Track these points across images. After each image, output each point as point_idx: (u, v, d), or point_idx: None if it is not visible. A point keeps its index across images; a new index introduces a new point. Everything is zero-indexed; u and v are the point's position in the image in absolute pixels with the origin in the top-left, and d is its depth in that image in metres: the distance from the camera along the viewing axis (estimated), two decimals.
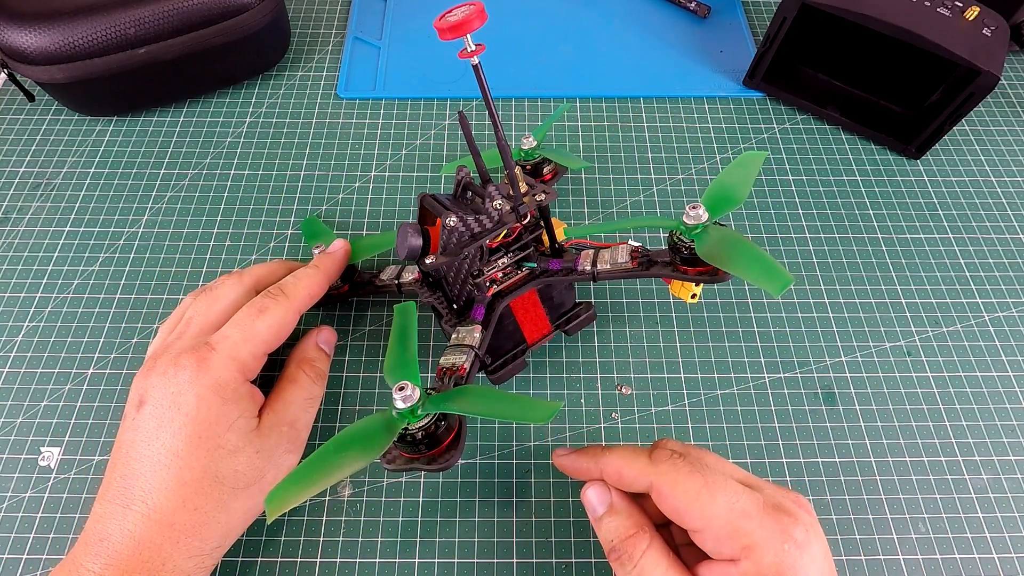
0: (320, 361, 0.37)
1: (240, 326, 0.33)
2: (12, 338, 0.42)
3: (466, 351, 0.32)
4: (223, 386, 0.31)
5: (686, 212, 0.30)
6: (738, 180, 0.33)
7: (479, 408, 0.27)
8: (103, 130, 0.52)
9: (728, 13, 0.61)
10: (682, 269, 0.32)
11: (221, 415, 0.31)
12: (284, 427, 0.33)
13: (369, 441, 0.26)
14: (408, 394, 0.26)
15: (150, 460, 0.30)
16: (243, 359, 0.32)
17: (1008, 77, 0.57)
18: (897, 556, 0.35)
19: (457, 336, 0.34)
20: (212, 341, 0.32)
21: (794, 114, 0.54)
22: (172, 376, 0.31)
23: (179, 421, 0.30)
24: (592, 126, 0.53)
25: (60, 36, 0.45)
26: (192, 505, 0.30)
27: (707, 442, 0.38)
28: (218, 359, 0.32)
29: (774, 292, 0.27)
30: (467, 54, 0.27)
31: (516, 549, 0.35)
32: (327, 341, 0.39)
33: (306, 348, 0.38)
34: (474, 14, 0.26)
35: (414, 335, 0.31)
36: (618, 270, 0.34)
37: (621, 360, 0.41)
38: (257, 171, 0.50)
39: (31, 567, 0.35)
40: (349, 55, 0.57)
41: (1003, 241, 0.47)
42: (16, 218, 0.47)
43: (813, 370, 0.41)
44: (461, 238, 0.32)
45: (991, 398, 0.40)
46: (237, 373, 0.32)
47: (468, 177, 0.34)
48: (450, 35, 0.26)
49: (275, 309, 0.34)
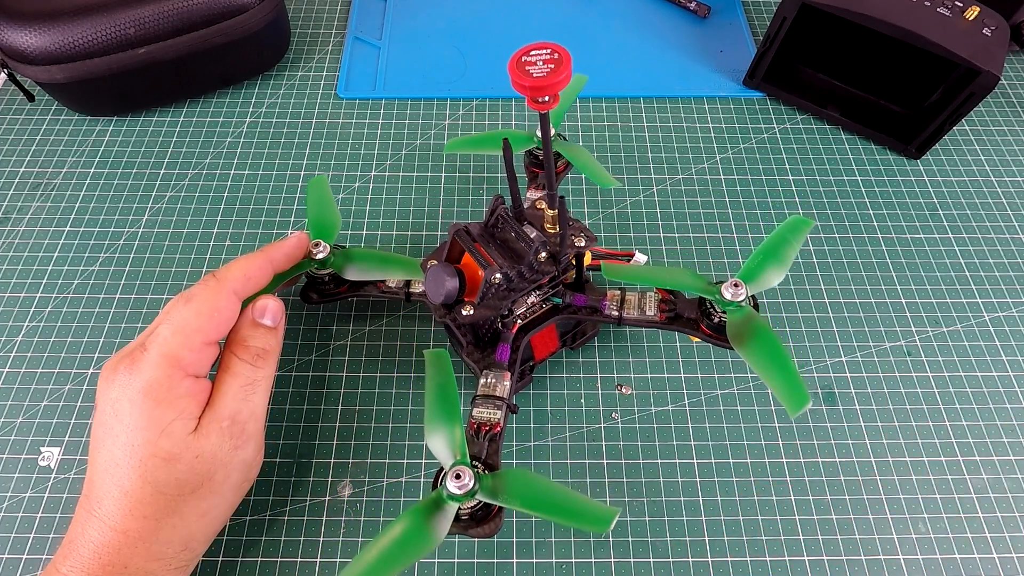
0: (256, 338, 0.33)
1: (168, 319, 0.31)
2: (12, 338, 0.42)
3: (499, 404, 0.32)
4: (154, 387, 0.29)
5: (726, 286, 0.32)
6: (780, 250, 0.33)
7: (537, 509, 0.27)
8: (103, 130, 0.52)
9: (728, 13, 0.61)
10: (707, 332, 0.33)
11: (153, 420, 0.29)
12: (224, 423, 0.31)
13: (417, 543, 0.26)
14: (465, 483, 0.27)
15: (100, 468, 0.29)
16: (175, 354, 0.30)
17: (1008, 77, 0.57)
18: (897, 556, 0.35)
19: (486, 383, 0.33)
20: (147, 341, 0.30)
21: (794, 114, 0.54)
22: (110, 382, 0.30)
23: (118, 428, 0.29)
24: (592, 126, 0.53)
25: (60, 36, 0.45)
26: (140, 513, 0.29)
27: (707, 442, 0.38)
28: (148, 359, 0.30)
29: (791, 412, 0.28)
30: (538, 105, 0.25)
31: (516, 549, 0.35)
32: (268, 312, 0.34)
33: (239, 327, 0.34)
34: (559, 77, 0.24)
35: (454, 388, 0.30)
36: (644, 320, 0.35)
37: (621, 360, 0.41)
38: (257, 171, 0.50)
39: (31, 567, 0.35)
40: (349, 55, 0.57)
41: (1003, 241, 0.47)
42: (16, 218, 0.47)
43: (813, 370, 0.41)
44: (500, 289, 0.32)
45: (991, 398, 0.40)
46: (169, 370, 0.30)
47: (504, 209, 0.33)
48: (531, 94, 0.24)
49: (202, 293, 0.32)
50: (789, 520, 0.36)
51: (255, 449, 0.33)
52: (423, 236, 0.46)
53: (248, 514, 0.36)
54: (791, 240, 0.33)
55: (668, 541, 0.36)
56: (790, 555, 0.35)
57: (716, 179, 0.50)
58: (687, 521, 0.36)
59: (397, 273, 0.38)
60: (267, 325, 0.34)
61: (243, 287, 0.33)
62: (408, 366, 0.41)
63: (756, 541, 0.36)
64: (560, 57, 0.24)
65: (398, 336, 0.42)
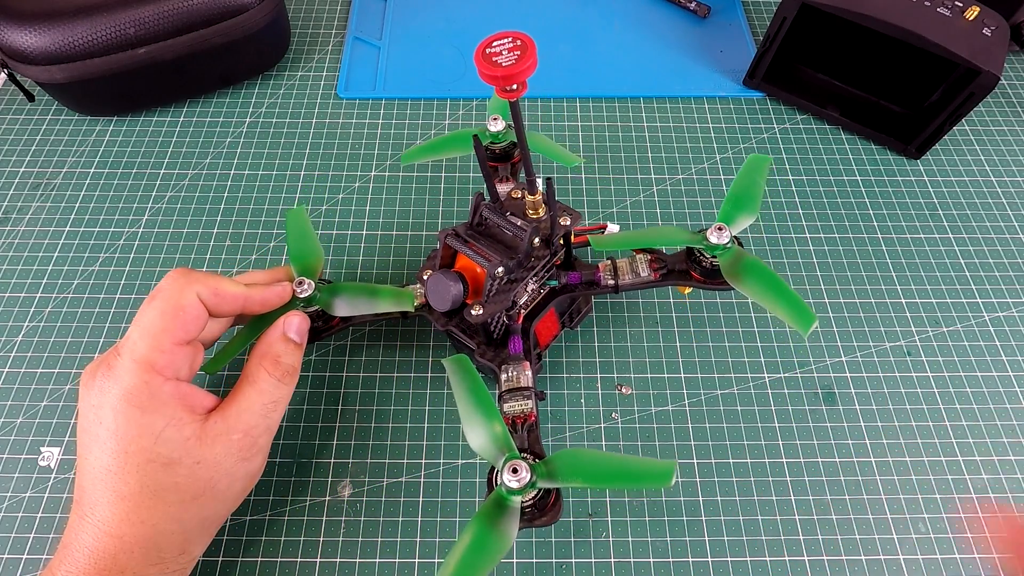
0: (288, 355, 0.33)
1: (136, 322, 0.30)
2: (12, 338, 0.42)
3: (527, 394, 0.32)
4: (134, 394, 0.28)
5: (711, 232, 0.33)
6: (749, 191, 0.35)
7: (597, 482, 0.27)
8: (103, 130, 0.52)
9: (728, 13, 0.61)
10: (699, 278, 0.34)
11: (144, 427, 0.28)
12: (235, 435, 0.30)
13: (491, 548, 0.26)
14: (522, 476, 0.27)
15: (90, 474, 0.29)
16: (147, 358, 0.29)
17: (1008, 77, 0.57)
18: (897, 556, 0.35)
19: (509, 377, 0.33)
20: (119, 345, 0.30)
21: (794, 114, 0.54)
22: (90, 388, 0.29)
23: (103, 436, 0.28)
24: (592, 126, 0.53)
25: (60, 36, 0.45)
26: (137, 518, 0.28)
27: (707, 442, 0.38)
28: (122, 365, 0.29)
29: (803, 331, 0.30)
30: (507, 94, 0.26)
31: (516, 549, 0.35)
32: (299, 329, 0.34)
33: (271, 340, 0.33)
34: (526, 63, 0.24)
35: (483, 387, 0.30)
36: (640, 282, 0.36)
37: (621, 360, 0.41)
38: (257, 171, 0.50)
39: (31, 567, 0.35)
40: (349, 55, 0.57)
41: (1003, 241, 0.47)
42: (16, 218, 0.47)
43: (813, 370, 0.41)
44: (503, 282, 0.32)
45: (991, 398, 0.40)
46: (146, 375, 0.29)
47: (486, 205, 0.34)
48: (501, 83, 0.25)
49: (166, 291, 0.30)
50: (789, 520, 0.36)
51: (262, 461, 0.33)
52: (423, 236, 0.46)
53: (248, 514, 0.36)
54: (757, 179, 0.36)
55: (668, 541, 0.36)
56: (790, 555, 0.35)
57: (716, 179, 0.50)
58: (687, 521, 0.36)
59: (387, 305, 0.36)
60: (296, 342, 0.33)
61: (210, 297, 0.31)
62: (408, 366, 0.41)
63: (756, 541, 0.36)
64: (524, 43, 0.25)
65: (398, 336, 0.42)
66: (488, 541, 0.26)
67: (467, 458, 0.38)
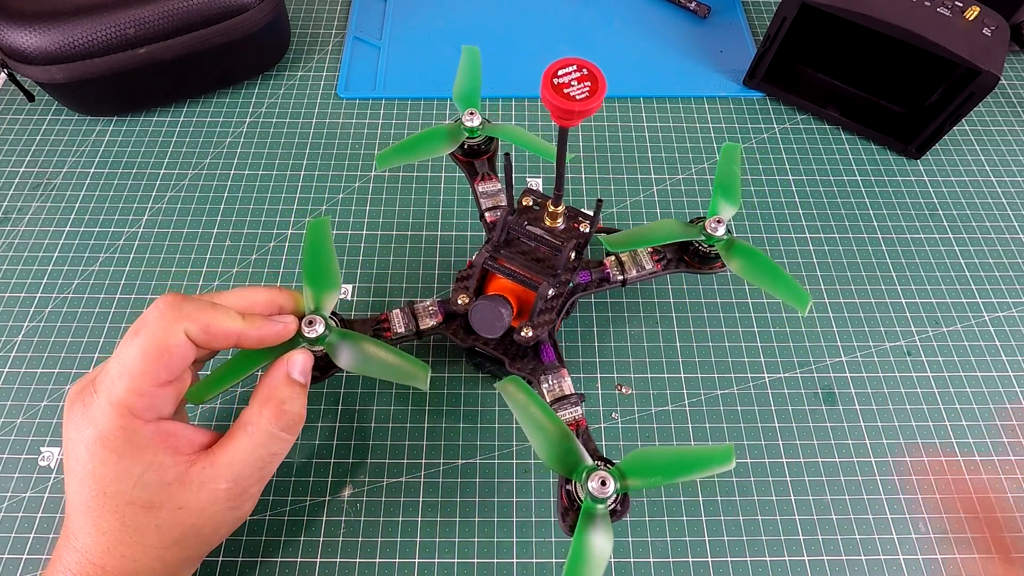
0: (293, 400, 0.29)
1: (116, 357, 0.27)
2: (12, 338, 0.42)
3: (574, 401, 0.33)
4: (110, 439, 0.26)
5: (710, 224, 0.36)
6: (728, 181, 0.38)
7: (672, 475, 0.28)
8: (103, 130, 0.52)
9: (728, 13, 0.61)
10: (696, 266, 0.38)
11: (121, 471, 0.26)
12: (223, 484, 0.28)
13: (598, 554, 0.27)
14: (610, 486, 0.27)
15: (73, 502, 0.27)
16: (124, 401, 0.26)
17: (1008, 77, 0.57)
18: (897, 556, 0.35)
19: (551, 388, 0.34)
20: (96, 380, 0.27)
21: (794, 114, 0.54)
22: (68, 417, 0.28)
23: (80, 473, 0.27)
24: (592, 126, 0.53)
25: (60, 36, 0.45)
26: (118, 553, 0.27)
27: (707, 442, 0.39)
28: (97, 405, 0.27)
29: (801, 310, 0.33)
30: (564, 122, 0.26)
31: (516, 549, 0.35)
32: (303, 370, 0.30)
33: (274, 383, 0.29)
34: (598, 100, 0.24)
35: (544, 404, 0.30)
36: (645, 274, 0.38)
37: (621, 360, 0.41)
38: (257, 171, 0.50)
39: (31, 567, 0.35)
40: (349, 55, 0.57)
41: (1003, 241, 0.47)
42: (16, 218, 0.47)
43: (813, 370, 0.41)
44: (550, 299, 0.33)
45: (991, 398, 0.40)
46: (122, 420, 0.26)
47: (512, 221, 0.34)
48: (575, 119, 0.25)
49: (152, 326, 0.27)
50: (789, 520, 0.36)
51: (252, 505, 0.31)
52: (423, 236, 0.46)
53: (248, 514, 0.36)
54: (734, 168, 0.38)
55: (668, 541, 0.36)
56: (790, 555, 0.35)
57: None
58: (687, 521, 0.36)
59: (400, 376, 0.31)
60: (301, 383, 0.30)
61: (199, 335, 0.28)
62: None
63: (756, 541, 0.36)
64: (592, 74, 0.25)
65: None
66: (592, 552, 0.27)
67: (467, 458, 0.38)
